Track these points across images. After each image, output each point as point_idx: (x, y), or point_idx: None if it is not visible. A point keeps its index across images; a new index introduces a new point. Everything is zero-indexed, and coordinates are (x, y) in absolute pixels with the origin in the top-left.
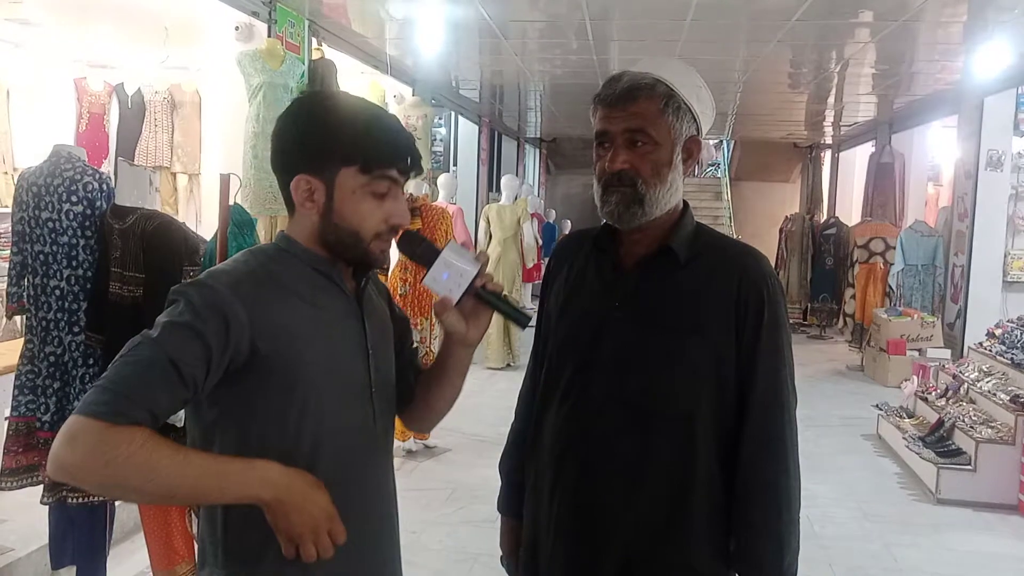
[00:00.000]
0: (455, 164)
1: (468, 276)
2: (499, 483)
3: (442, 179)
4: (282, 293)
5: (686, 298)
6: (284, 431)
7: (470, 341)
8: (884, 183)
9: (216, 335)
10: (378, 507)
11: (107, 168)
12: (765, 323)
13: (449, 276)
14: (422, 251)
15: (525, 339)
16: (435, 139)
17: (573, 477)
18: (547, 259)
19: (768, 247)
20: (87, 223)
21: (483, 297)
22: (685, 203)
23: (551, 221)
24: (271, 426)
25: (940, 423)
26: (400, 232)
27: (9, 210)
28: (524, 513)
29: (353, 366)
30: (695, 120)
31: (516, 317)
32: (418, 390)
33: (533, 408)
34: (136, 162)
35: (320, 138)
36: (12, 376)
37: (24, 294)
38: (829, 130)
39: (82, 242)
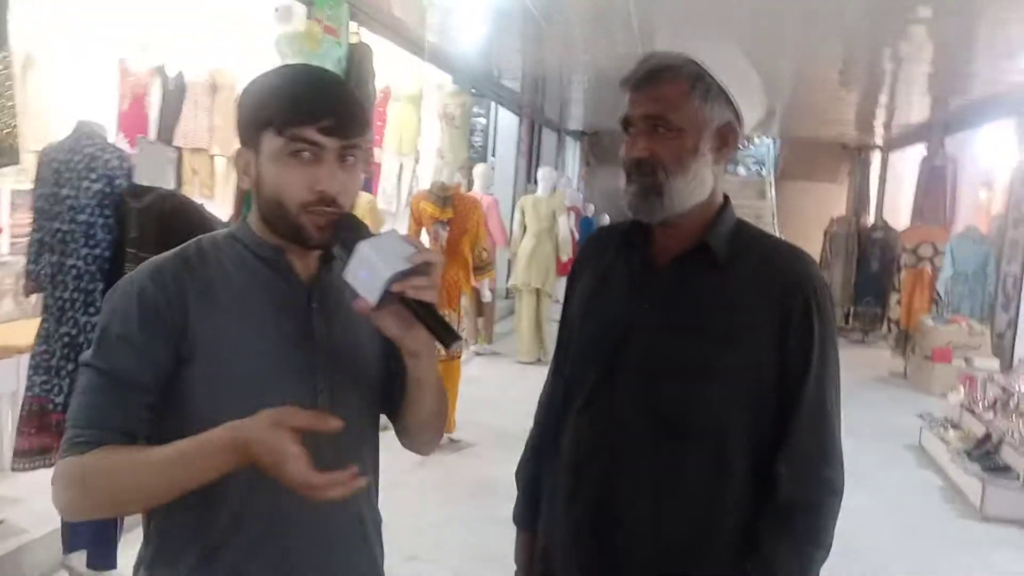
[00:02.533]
0: (493, 155)
1: (382, 279)
2: None
3: (478, 169)
4: (206, 282)
5: (724, 301)
6: None
7: (409, 349)
8: (935, 187)
9: (142, 328)
10: (334, 515)
11: None
12: (811, 332)
13: (367, 275)
14: (347, 240)
15: None
16: (475, 129)
17: (591, 493)
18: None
19: (812, 248)
20: (106, 201)
21: (408, 304)
22: (726, 198)
23: (589, 216)
24: (195, 431)
25: (987, 437)
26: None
27: (31, 188)
28: (539, 526)
29: (287, 364)
30: (732, 105)
31: (440, 334)
32: (400, 400)
33: (553, 415)
34: (176, 143)
35: (245, 107)
36: (28, 356)
37: (41, 272)
38: (880, 131)
39: (100, 221)
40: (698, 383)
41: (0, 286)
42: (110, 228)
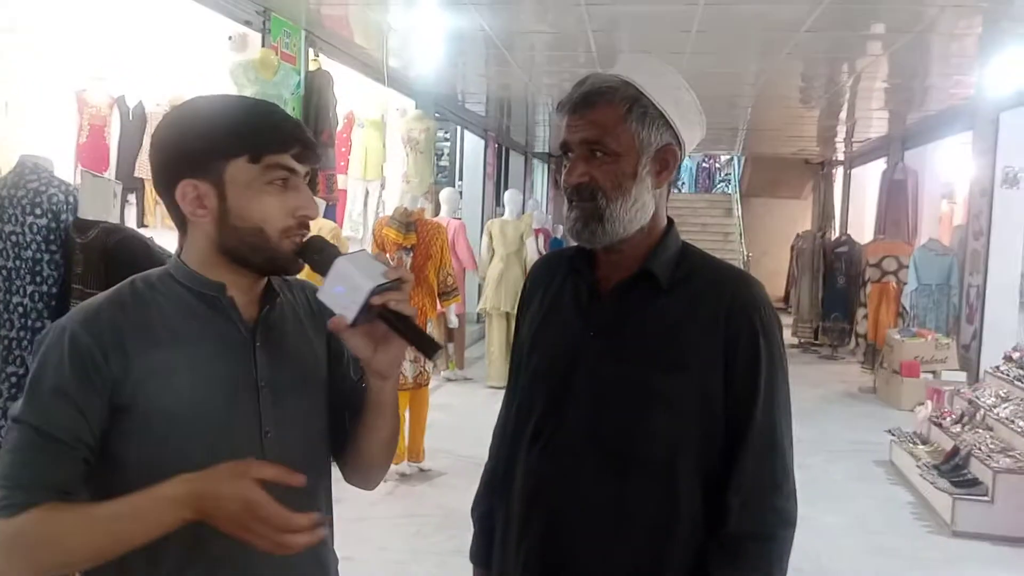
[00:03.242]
0: (461, 179)
1: (363, 292)
2: None
3: (444, 194)
4: (145, 326)
5: (668, 327)
6: (144, 487)
7: (377, 369)
8: (897, 200)
9: (77, 380)
10: (280, 567)
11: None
12: (757, 357)
13: (344, 291)
14: (321, 259)
15: None
16: (441, 154)
17: (541, 529)
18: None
19: (779, 264)
20: (52, 237)
21: (386, 318)
22: (671, 221)
23: (558, 236)
24: (132, 480)
25: (955, 451)
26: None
27: None
28: (493, 562)
29: (232, 407)
30: (671, 127)
31: (421, 345)
32: (350, 432)
33: (506, 447)
34: (137, 174)
35: (199, 136)
36: None
37: None
38: (841, 146)
39: (46, 257)
40: (643, 412)
41: None
42: (57, 264)
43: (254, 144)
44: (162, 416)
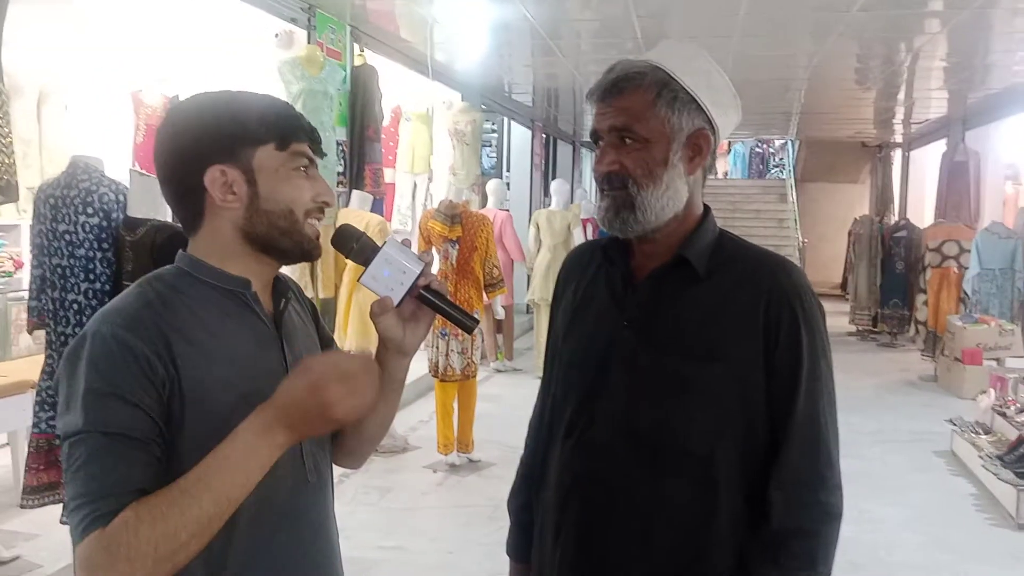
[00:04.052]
0: (508, 170)
1: (412, 274)
2: None
3: (491, 185)
4: (185, 326)
5: (704, 316)
6: None
7: (406, 349)
8: (958, 183)
9: (135, 382)
10: (316, 548)
11: None
12: (799, 346)
13: (390, 274)
14: (360, 246)
15: None
16: (488, 145)
17: (576, 523)
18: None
19: (836, 250)
20: (103, 235)
21: (426, 299)
22: (707, 208)
23: None
24: (181, 472)
25: (1020, 441)
26: (332, 225)
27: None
28: (532, 558)
29: None
30: (703, 111)
31: (462, 321)
32: None
33: (541, 439)
34: None
35: (229, 124)
36: (34, 393)
37: (43, 308)
38: (899, 128)
39: (99, 255)
40: (680, 404)
41: (18, 321)
42: (109, 262)
43: (282, 132)
44: (218, 417)
